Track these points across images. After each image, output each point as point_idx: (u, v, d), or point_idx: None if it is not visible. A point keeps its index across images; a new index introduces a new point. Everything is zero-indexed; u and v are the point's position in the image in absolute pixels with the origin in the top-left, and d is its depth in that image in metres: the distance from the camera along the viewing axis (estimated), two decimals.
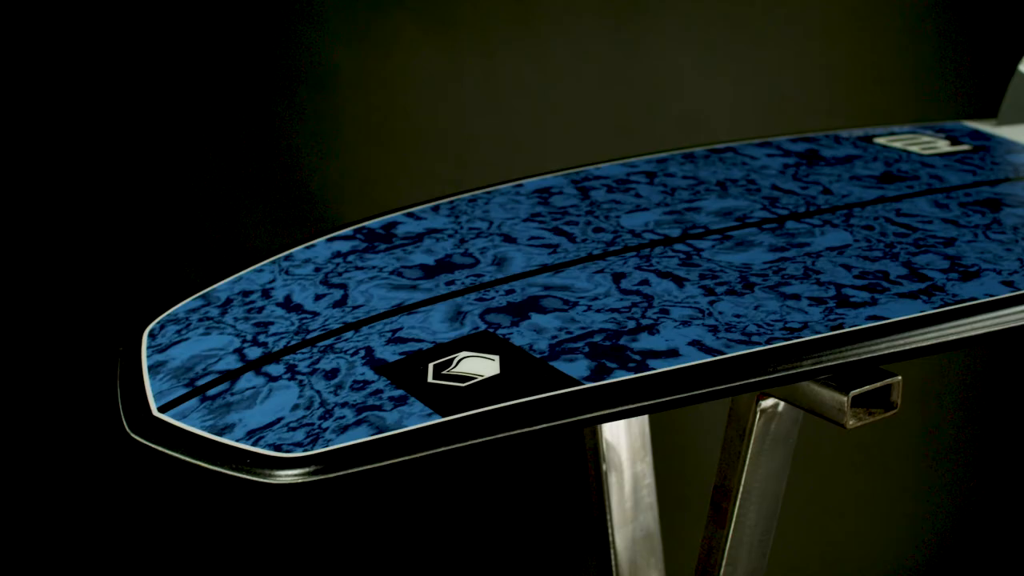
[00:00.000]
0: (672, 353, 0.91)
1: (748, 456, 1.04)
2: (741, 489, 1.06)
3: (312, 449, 0.85)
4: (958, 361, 2.21)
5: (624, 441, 1.18)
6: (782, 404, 1.03)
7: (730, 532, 1.08)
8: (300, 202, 1.91)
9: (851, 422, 0.95)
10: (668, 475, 1.54)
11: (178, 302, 1.08)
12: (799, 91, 2.10)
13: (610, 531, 1.18)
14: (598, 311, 0.97)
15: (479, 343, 0.94)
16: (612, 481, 1.17)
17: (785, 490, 1.11)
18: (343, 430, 0.86)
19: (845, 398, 0.94)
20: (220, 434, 0.88)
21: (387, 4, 1.89)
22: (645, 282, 1.02)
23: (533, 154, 1.99)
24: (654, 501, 1.19)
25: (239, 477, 0.86)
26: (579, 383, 0.88)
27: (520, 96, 1.98)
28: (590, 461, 1.20)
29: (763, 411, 1.03)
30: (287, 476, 0.84)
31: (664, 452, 1.37)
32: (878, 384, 0.96)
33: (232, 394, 0.92)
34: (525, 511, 2.02)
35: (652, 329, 0.94)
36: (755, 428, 1.03)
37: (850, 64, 2.13)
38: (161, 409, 0.92)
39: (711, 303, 0.98)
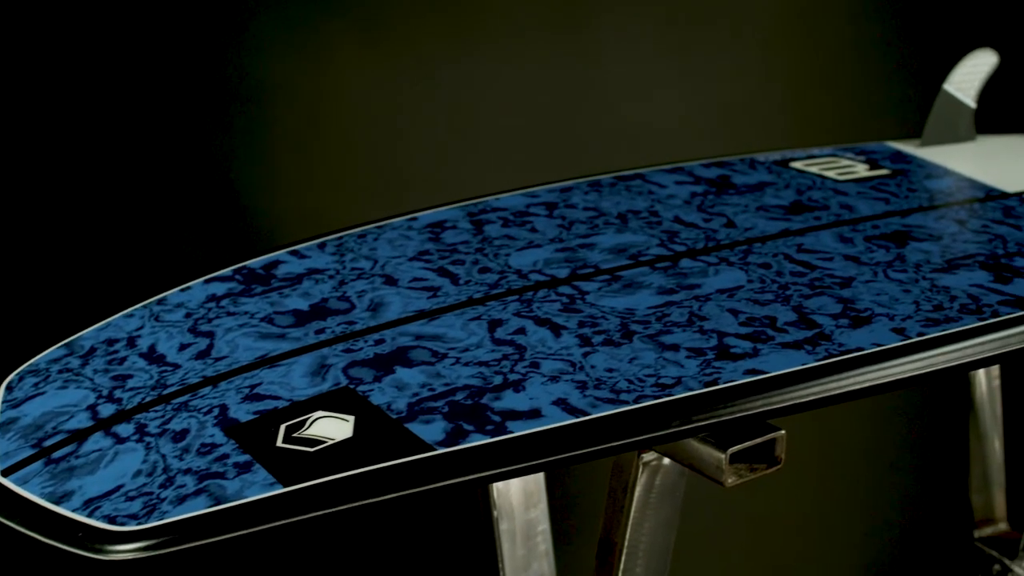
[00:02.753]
0: (534, 414, 0.86)
1: (632, 510, 1.00)
2: (626, 544, 1.01)
3: (147, 522, 0.80)
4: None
5: (516, 486, 1.14)
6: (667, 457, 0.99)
7: None
8: (231, 219, 1.86)
9: (730, 480, 0.91)
10: (570, 521, 1.50)
11: (43, 350, 1.03)
12: (748, 104, 2.06)
13: None
14: (466, 364, 0.93)
15: (337, 401, 0.90)
16: (503, 528, 1.13)
17: (725, 512, 1.06)
18: (181, 500, 0.81)
19: (723, 455, 0.90)
20: (58, 502, 0.84)
21: (320, 17, 1.84)
22: (521, 331, 0.98)
23: (471, 169, 1.95)
24: (550, 548, 1.15)
25: (72, 552, 0.81)
26: (431, 448, 0.83)
27: (458, 110, 1.93)
28: (484, 508, 1.15)
29: (646, 464, 0.98)
30: (119, 552, 0.80)
31: (564, 497, 1.33)
32: (759, 440, 0.91)
33: (77, 457, 0.88)
34: (426, 560, 1.98)
35: (518, 385, 0.90)
36: (639, 482, 0.99)
37: (800, 76, 2.08)
38: (4, 473, 0.88)
39: (585, 355, 0.94)
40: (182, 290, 1.09)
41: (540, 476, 1.17)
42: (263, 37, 1.82)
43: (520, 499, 1.13)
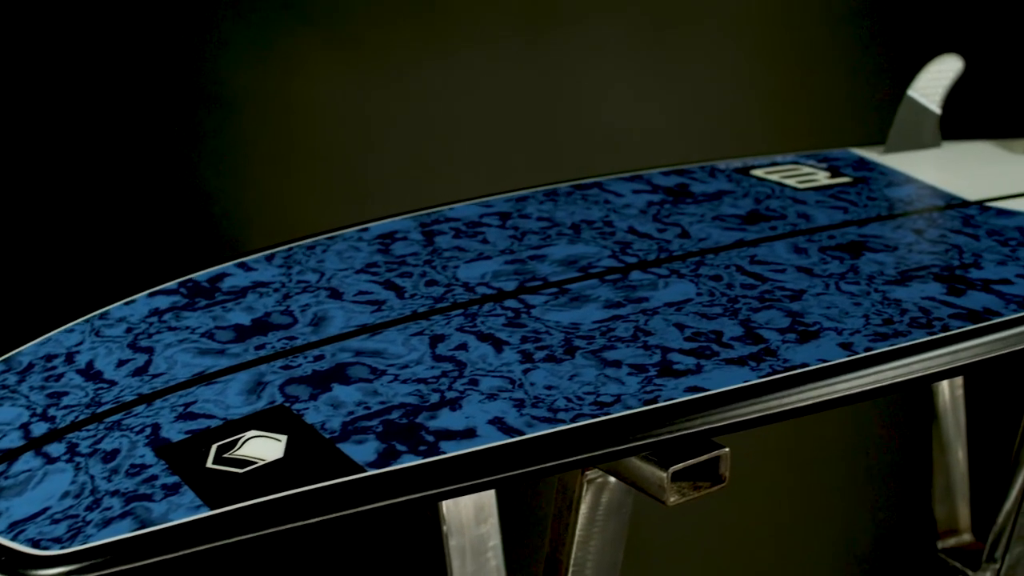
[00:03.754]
0: (469, 433, 0.85)
1: (577, 528, 0.98)
2: (572, 563, 1.00)
3: (70, 546, 0.79)
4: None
5: (466, 501, 1.12)
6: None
7: None
8: (200, 226, 1.85)
9: (672, 499, 0.89)
10: (524, 536, 1.49)
11: None
12: (724, 108, 2.05)
13: None
14: (404, 381, 0.91)
15: (271, 420, 0.88)
16: (453, 544, 1.11)
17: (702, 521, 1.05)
18: (106, 523, 0.80)
19: (665, 474, 0.88)
20: None
21: (289, 23, 1.83)
22: (463, 346, 0.96)
23: (442, 176, 1.93)
24: (501, 564, 1.13)
25: None
26: (362, 469, 0.82)
27: (429, 117, 1.92)
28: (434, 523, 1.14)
29: (590, 482, 0.97)
30: None
31: (517, 511, 1.31)
32: (702, 458, 0.90)
33: (6, 477, 0.86)
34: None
35: (455, 404, 0.88)
36: (583, 500, 0.98)
37: (779, 80, 2.07)
38: None
39: (525, 372, 0.92)
40: (126, 303, 1.08)
41: (491, 491, 1.15)
42: (233, 44, 1.80)
43: (470, 514, 1.12)
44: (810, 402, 0.90)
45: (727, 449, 0.90)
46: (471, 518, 1.12)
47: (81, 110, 1.73)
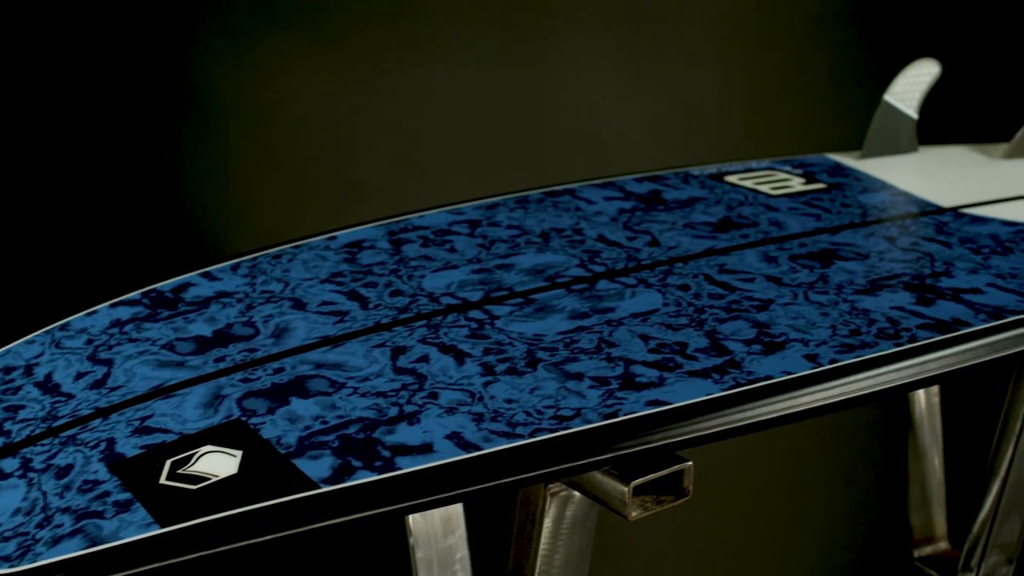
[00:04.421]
0: (426, 449, 0.84)
1: (541, 542, 0.97)
2: None
3: (19, 564, 0.78)
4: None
5: (432, 512, 1.11)
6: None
7: None
8: (180, 230, 1.83)
9: (634, 513, 0.88)
10: (493, 547, 1.47)
11: None
12: (707, 113, 2.04)
13: None
14: (363, 395, 0.90)
15: (227, 435, 0.87)
16: (420, 556, 1.10)
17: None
18: (56, 541, 0.79)
19: (626, 488, 0.87)
20: None
21: (268, 26, 1.81)
22: (424, 358, 0.95)
23: (423, 180, 1.92)
24: None
25: None
26: (316, 486, 0.81)
27: (409, 120, 1.91)
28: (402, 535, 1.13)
29: (554, 495, 0.96)
30: None
31: (488, 522, 1.30)
32: (664, 472, 0.89)
33: None
34: None
35: (413, 418, 0.87)
36: (547, 513, 0.96)
37: (760, 84, 2.06)
38: None
39: (486, 384, 0.91)
40: (88, 314, 1.07)
41: (458, 503, 1.14)
42: (211, 48, 1.79)
43: (437, 526, 1.11)
44: (773, 415, 0.89)
45: (690, 463, 0.89)
46: (438, 530, 1.11)
47: (59, 114, 1.72)
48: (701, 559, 2.12)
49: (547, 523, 0.97)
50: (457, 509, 1.13)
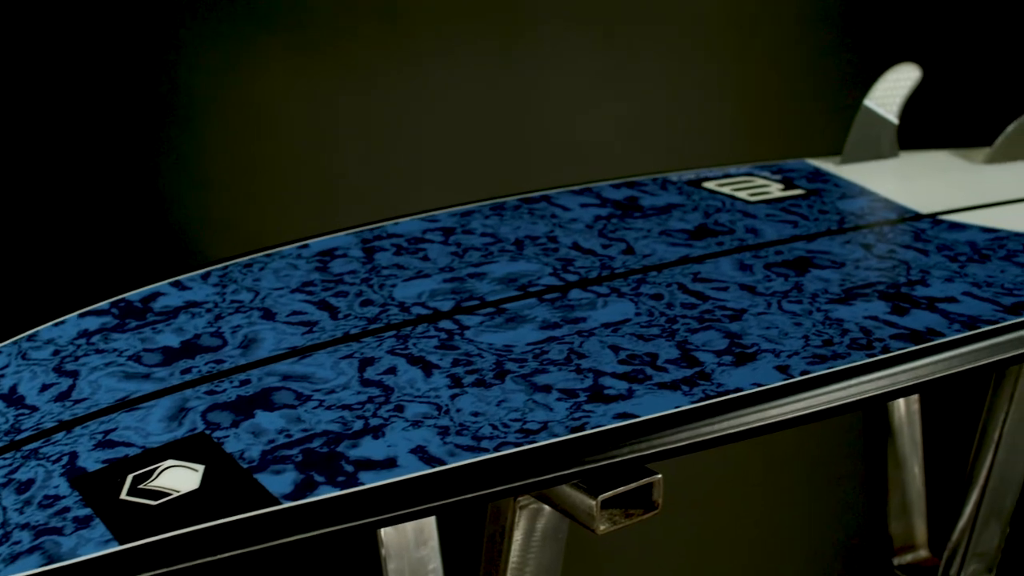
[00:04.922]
0: (389, 463, 0.83)
1: (511, 555, 0.96)
2: None
3: None
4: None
5: (405, 524, 1.10)
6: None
7: None
8: (161, 237, 1.82)
9: (602, 527, 0.87)
10: (465, 558, 1.46)
11: None
12: (691, 118, 2.03)
13: None
14: (329, 407, 0.89)
15: (190, 449, 0.86)
16: (392, 568, 1.09)
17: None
18: (13, 559, 0.78)
19: (594, 502, 0.86)
20: None
21: (252, 30, 1.80)
22: (392, 370, 0.94)
23: (405, 184, 1.91)
24: None
25: None
26: (277, 501, 0.80)
27: (392, 125, 1.90)
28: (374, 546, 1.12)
29: (523, 508, 0.95)
30: None
31: (461, 533, 1.29)
32: (633, 485, 0.88)
33: None
34: None
35: (378, 432, 0.86)
36: (517, 526, 0.96)
37: (746, 88, 2.05)
38: None
39: (453, 397, 0.90)
40: (55, 324, 1.06)
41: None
42: (193, 51, 1.78)
43: (410, 537, 1.10)
44: (742, 428, 0.88)
45: (660, 476, 0.88)
46: (411, 541, 1.10)
47: (36, 117, 1.71)
48: (682, 567, 2.11)
49: (517, 536, 0.96)
50: (430, 521, 1.13)
